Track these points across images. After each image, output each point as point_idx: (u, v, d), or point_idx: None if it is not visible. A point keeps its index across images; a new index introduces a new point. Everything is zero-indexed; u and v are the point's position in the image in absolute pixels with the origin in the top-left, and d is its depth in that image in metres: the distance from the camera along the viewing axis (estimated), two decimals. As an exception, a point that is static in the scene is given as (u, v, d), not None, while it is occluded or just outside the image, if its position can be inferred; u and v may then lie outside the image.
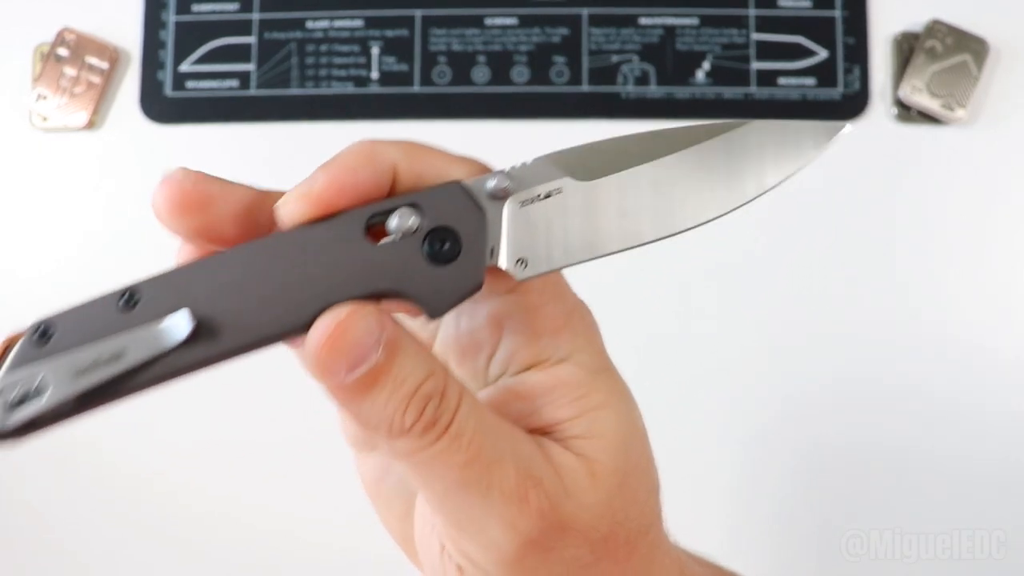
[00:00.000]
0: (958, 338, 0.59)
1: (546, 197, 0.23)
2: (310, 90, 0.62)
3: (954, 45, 0.60)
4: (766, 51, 0.61)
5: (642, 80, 0.61)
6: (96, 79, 0.61)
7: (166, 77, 0.62)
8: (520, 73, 0.61)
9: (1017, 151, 0.60)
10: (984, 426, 0.59)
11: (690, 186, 0.23)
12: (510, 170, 0.23)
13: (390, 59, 0.62)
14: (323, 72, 0.62)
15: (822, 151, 0.24)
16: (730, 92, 0.60)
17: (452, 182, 0.22)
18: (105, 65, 0.62)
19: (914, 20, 0.61)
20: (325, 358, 0.20)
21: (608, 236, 0.23)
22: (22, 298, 0.61)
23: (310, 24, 0.62)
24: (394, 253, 0.21)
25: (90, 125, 0.62)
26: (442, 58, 0.62)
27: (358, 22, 0.62)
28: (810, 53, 0.61)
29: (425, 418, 0.20)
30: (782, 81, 0.61)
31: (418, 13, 0.62)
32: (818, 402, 0.60)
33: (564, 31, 0.62)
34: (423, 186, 0.22)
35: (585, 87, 0.61)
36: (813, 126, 0.24)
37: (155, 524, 0.60)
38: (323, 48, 0.62)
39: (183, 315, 0.20)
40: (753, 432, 0.59)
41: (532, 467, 0.22)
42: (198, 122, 0.62)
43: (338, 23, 0.62)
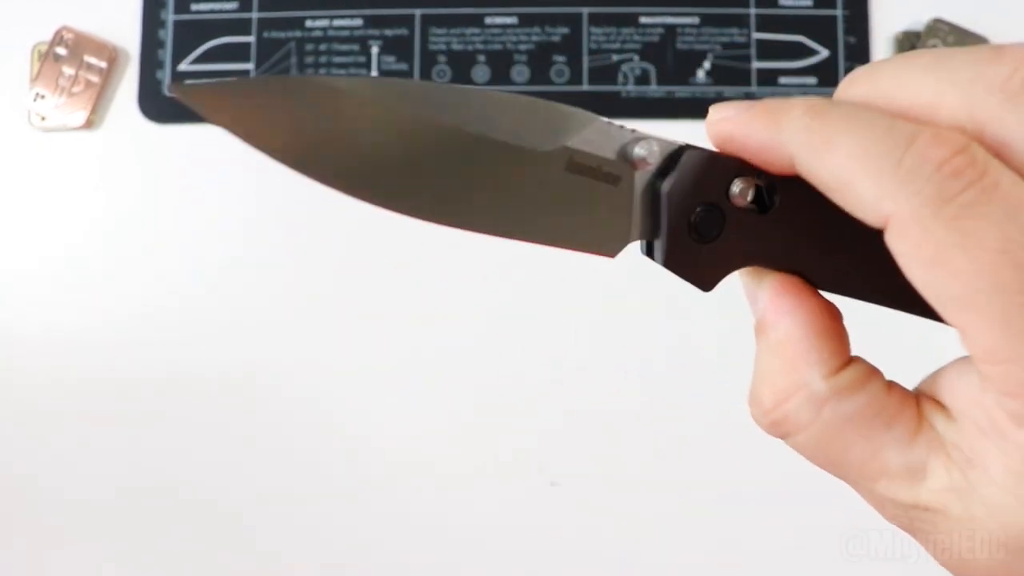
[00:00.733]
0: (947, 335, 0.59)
1: None
2: (309, 89, 0.61)
3: (955, 44, 0.60)
4: (767, 50, 0.61)
5: (642, 79, 0.61)
6: (95, 78, 0.61)
7: (165, 76, 0.62)
8: (520, 72, 0.61)
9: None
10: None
11: None
12: None
13: (390, 58, 0.62)
14: (322, 71, 0.62)
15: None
16: (731, 91, 0.60)
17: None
18: (104, 64, 0.61)
19: (915, 19, 0.61)
20: None
21: None
22: (21, 298, 0.61)
23: (309, 23, 0.62)
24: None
25: (88, 124, 0.61)
26: (442, 57, 0.61)
27: (357, 21, 0.62)
28: (811, 52, 0.61)
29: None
30: (783, 80, 0.61)
31: (418, 12, 0.62)
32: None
33: (564, 30, 0.61)
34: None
35: (585, 86, 0.61)
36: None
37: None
38: (322, 47, 0.62)
39: None
40: (753, 430, 0.59)
41: None
42: (197, 122, 0.61)
43: (337, 22, 0.62)
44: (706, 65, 0.61)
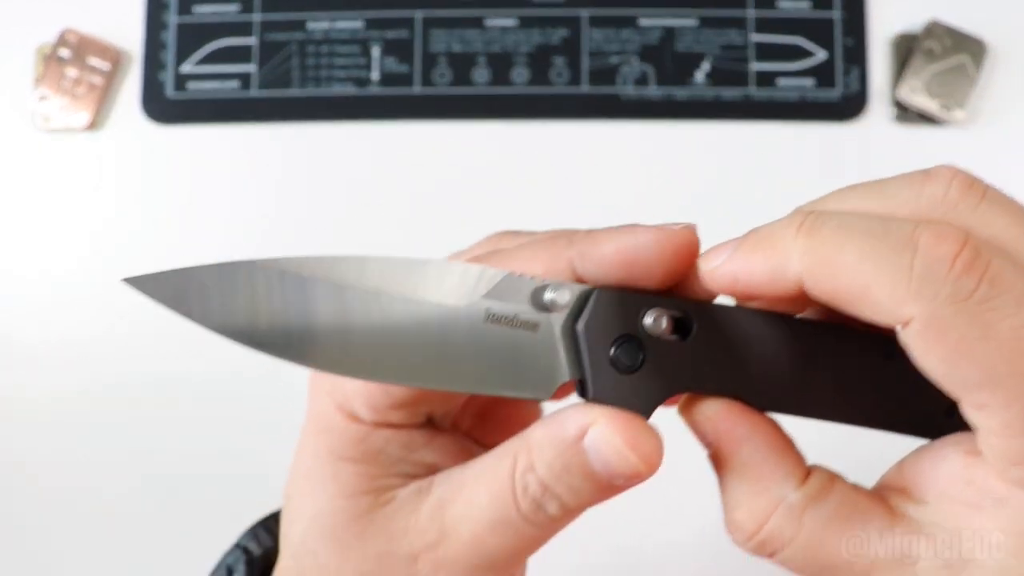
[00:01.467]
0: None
1: None
2: (311, 91, 0.62)
3: (952, 46, 0.60)
4: (765, 52, 0.61)
5: (641, 81, 0.61)
6: (98, 80, 0.62)
7: (167, 78, 0.62)
8: (520, 74, 0.62)
9: (1015, 152, 0.61)
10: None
11: None
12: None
13: (390, 60, 0.62)
14: (324, 73, 0.62)
15: None
16: (729, 93, 0.61)
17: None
18: (107, 66, 0.62)
19: (912, 21, 0.61)
20: None
21: None
22: (23, 299, 0.61)
23: (311, 25, 0.62)
24: None
25: (92, 126, 0.62)
26: (442, 59, 0.62)
27: (358, 23, 0.62)
28: (809, 54, 0.61)
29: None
30: (781, 82, 0.61)
31: (418, 14, 0.62)
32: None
33: (564, 32, 0.62)
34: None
35: (585, 88, 0.61)
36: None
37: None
38: (324, 49, 0.62)
39: None
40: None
41: None
42: (199, 123, 0.62)
43: (339, 24, 0.62)
44: (705, 67, 0.61)
